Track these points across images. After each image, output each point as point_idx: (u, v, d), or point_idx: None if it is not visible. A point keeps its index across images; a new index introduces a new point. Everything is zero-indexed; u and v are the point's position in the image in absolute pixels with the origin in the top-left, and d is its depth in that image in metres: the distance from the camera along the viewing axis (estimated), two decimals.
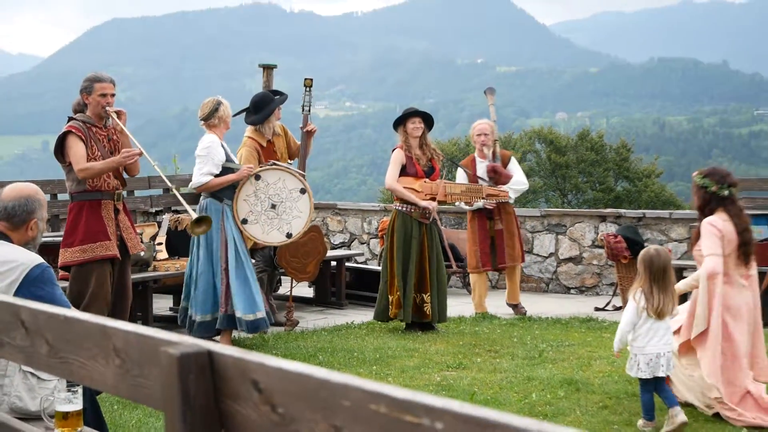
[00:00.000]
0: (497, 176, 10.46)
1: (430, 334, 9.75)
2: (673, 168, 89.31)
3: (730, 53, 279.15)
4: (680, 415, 6.39)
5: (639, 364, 6.55)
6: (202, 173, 8.82)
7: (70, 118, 7.87)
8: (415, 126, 9.89)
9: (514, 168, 10.93)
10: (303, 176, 9.42)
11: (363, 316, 10.88)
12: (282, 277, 11.27)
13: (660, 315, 6.53)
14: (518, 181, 10.85)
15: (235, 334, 9.63)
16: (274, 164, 9.26)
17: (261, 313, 8.90)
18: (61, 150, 7.79)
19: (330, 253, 12.14)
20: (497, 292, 13.21)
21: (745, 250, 6.91)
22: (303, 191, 9.18)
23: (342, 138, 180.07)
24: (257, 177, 9.10)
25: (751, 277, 7.05)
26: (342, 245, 14.57)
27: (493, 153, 10.81)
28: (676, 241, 12.45)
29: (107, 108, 7.83)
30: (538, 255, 13.32)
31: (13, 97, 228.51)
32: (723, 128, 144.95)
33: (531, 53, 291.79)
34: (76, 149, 7.69)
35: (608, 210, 13.77)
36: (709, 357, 6.80)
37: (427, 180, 9.84)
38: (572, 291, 12.96)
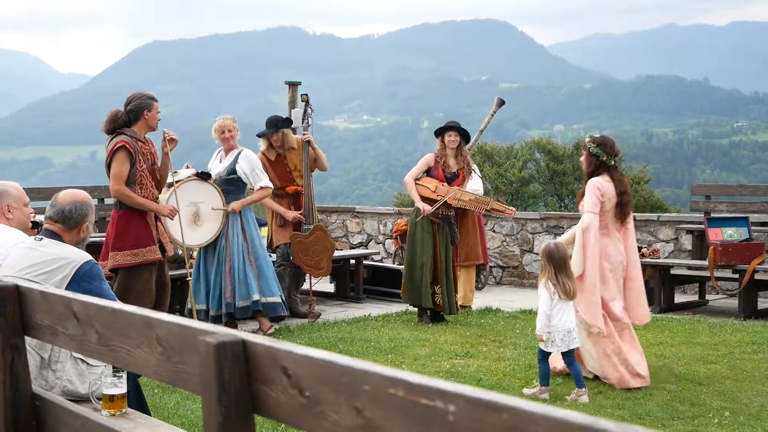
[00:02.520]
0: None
1: (440, 325, 9.74)
2: (661, 175, 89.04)
3: (711, 71, 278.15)
4: (584, 397, 6.79)
5: (555, 340, 6.87)
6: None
7: (119, 132, 7.85)
8: (451, 139, 9.97)
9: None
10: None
11: (379, 309, 10.87)
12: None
13: (570, 295, 6.86)
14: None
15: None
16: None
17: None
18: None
19: (349, 252, 12.14)
20: (500, 288, 13.18)
21: (622, 209, 7.31)
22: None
23: (359, 148, 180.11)
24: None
25: (626, 232, 7.47)
26: (360, 245, 14.57)
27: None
28: (663, 241, 12.40)
29: (165, 130, 8.01)
30: (538, 254, 13.27)
31: (65, 112, 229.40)
32: (705, 139, 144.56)
33: (530, 71, 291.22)
34: (121, 167, 7.75)
35: None
36: (588, 300, 7.13)
37: (445, 184, 9.89)
38: None
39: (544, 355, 6.93)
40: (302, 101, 10.52)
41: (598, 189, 7.23)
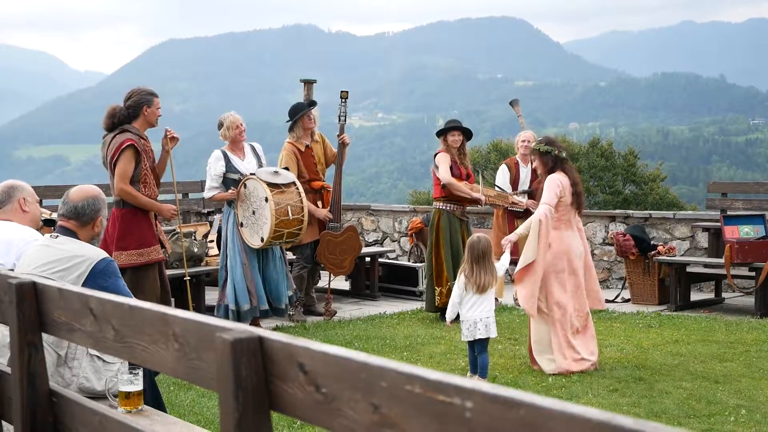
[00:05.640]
0: (536, 180, 10.27)
1: (456, 324, 9.72)
2: (676, 173, 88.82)
3: (727, 68, 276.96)
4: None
5: (462, 329, 7.26)
6: (207, 188, 9.37)
7: (123, 129, 7.65)
8: (455, 138, 9.98)
9: None
10: (273, 185, 9.02)
11: (394, 307, 10.86)
12: (321, 271, 11.24)
13: (482, 290, 7.14)
14: None
15: (278, 322, 9.71)
16: (252, 174, 9.12)
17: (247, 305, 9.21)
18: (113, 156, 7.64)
19: (364, 250, 12.13)
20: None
21: (577, 199, 7.69)
22: (266, 200, 8.94)
23: (375, 146, 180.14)
24: (245, 185, 9.14)
25: (579, 224, 7.86)
26: (375, 243, 14.57)
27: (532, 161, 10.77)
28: (679, 239, 12.36)
29: (167, 128, 7.90)
30: None
31: (81, 110, 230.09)
32: (721, 136, 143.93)
33: (546, 69, 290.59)
34: (126, 166, 7.58)
35: (617, 211, 13.67)
36: (529, 286, 7.50)
37: (466, 183, 9.90)
38: None
39: (470, 346, 7.30)
40: (341, 98, 10.44)
41: (559, 184, 7.58)
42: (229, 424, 2.24)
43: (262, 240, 9.01)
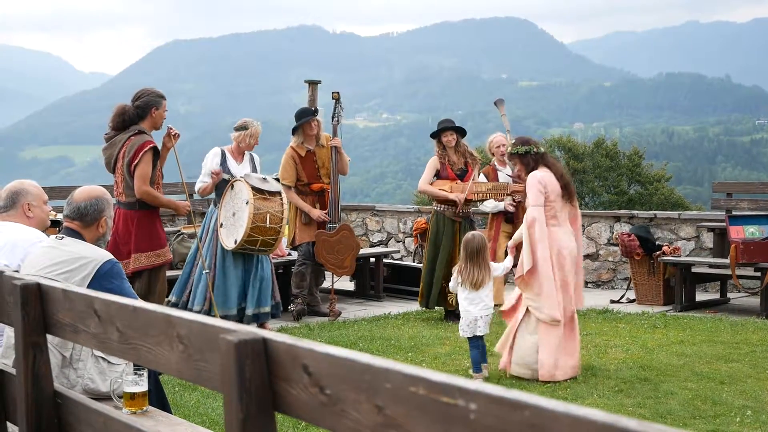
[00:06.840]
0: (523, 181, 10.20)
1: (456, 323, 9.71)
2: (681, 173, 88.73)
3: (732, 68, 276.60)
4: (484, 371, 7.35)
5: (462, 326, 7.39)
6: (198, 181, 9.30)
7: (140, 131, 7.73)
8: (448, 138, 10.07)
9: None
10: (258, 191, 8.87)
11: (399, 307, 10.86)
12: (325, 272, 11.23)
13: (476, 286, 7.26)
14: None
15: (282, 323, 9.70)
16: (246, 176, 9.04)
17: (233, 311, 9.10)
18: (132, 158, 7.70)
19: (369, 250, 12.12)
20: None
21: (567, 191, 7.45)
22: (247, 202, 8.82)
23: (379, 146, 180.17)
24: (232, 186, 9.07)
25: (576, 218, 7.61)
26: (380, 243, 14.56)
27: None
28: (684, 239, 12.34)
29: (170, 126, 7.92)
30: None
31: (86, 111, 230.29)
32: (726, 137, 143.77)
33: (550, 69, 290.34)
34: (147, 168, 7.65)
35: (622, 211, 13.65)
36: (544, 293, 7.25)
37: (458, 182, 9.93)
38: (589, 285, 12.86)
39: (472, 342, 7.39)
40: (333, 99, 10.44)
41: (539, 182, 7.34)
42: (234, 425, 2.24)
43: (235, 242, 8.89)
